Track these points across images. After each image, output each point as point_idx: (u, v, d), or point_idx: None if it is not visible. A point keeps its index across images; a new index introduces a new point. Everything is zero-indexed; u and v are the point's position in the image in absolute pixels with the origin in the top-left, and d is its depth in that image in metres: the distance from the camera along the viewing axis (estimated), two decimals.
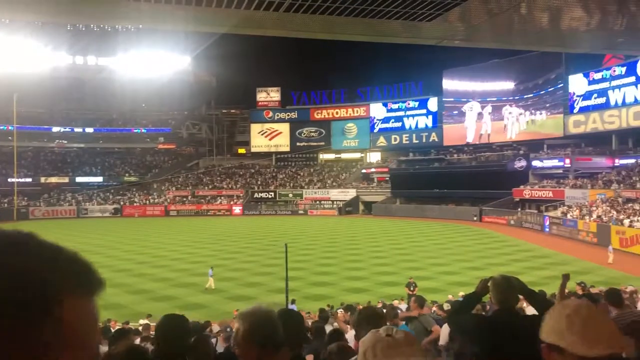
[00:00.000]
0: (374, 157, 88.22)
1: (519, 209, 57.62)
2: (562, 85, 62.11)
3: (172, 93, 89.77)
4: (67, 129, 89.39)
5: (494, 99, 70.09)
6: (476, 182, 61.06)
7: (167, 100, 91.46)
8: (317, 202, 78.82)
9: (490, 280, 4.06)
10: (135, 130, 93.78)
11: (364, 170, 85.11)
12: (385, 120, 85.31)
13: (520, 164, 62.07)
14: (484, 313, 8.89)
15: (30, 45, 79.51)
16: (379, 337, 1.72)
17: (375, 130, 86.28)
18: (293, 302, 20.29)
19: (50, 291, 0.74)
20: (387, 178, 78.21)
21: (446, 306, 11.88)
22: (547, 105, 64.19)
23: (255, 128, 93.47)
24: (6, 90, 72.62)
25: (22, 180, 77.91)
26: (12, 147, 75.90)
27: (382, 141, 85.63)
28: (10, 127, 77.06)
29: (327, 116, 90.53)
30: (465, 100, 73.70)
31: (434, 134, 78.91)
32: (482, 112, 71.50)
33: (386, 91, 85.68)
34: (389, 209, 70.93)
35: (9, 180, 75.79)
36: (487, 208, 60.03)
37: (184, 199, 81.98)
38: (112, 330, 10.84)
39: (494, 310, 4.65)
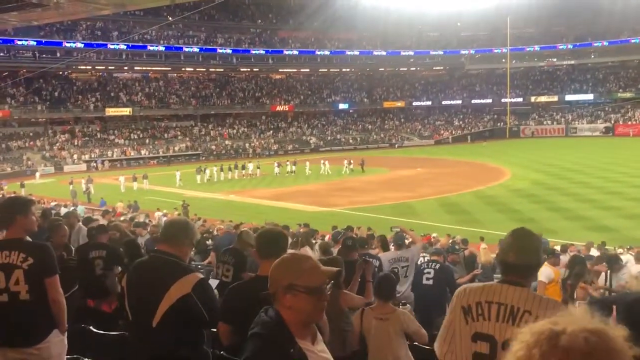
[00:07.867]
0: None
1: None
2: None
3: None
4: (558, 47, 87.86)
5: None
6: None
7: None
8: None
9: None
10: (633, 40, 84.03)
11: None
12: None
13: None
14: None
15: None
16: None
17: None
18: None
19: None
20: None
21: None
22: None
23: None
24: (501, 14, 76.65)
25: (514, 100, 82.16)
26: (505, 68, 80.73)
27: None
28: (504, 50, 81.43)
29: None
30: None
31: None
32: None
33: None
34: None
35: (502, 100, 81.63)
36: None
37: None
38: None
39: None
